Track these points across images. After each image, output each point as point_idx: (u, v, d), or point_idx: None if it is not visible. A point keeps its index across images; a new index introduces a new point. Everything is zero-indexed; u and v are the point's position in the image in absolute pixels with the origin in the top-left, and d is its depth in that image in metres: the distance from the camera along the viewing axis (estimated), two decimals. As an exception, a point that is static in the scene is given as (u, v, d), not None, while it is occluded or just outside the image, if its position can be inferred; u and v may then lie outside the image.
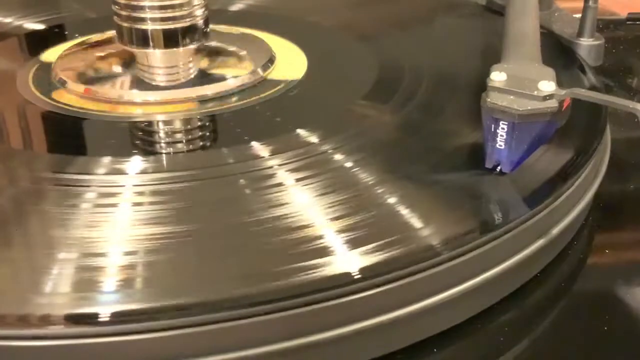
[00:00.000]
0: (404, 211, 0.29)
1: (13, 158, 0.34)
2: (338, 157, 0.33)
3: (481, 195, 0.30)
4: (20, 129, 0.37)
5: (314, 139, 0.34)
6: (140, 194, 0.30)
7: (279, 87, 0.40)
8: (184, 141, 0.36)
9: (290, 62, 0.43)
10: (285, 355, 0.25)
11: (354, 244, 0.27)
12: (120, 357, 0.24)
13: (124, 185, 0.31)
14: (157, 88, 0.40)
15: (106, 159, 0.32)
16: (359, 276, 0.25)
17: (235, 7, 0.52)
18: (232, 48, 0.44)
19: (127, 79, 0.41)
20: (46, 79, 0.41)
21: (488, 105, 0.30)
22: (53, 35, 0.48)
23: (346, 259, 0.26)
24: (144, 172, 0.32)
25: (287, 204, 0.29)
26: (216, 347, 0.25)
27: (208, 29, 0.41)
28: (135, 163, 0.32)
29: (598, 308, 0.30)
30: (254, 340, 0.25)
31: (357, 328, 0.26)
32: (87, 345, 0.24)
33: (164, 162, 0.33)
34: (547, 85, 0.30)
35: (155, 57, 0.40)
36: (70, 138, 0.36)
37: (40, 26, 0.49)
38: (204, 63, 0.42)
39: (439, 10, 0.52)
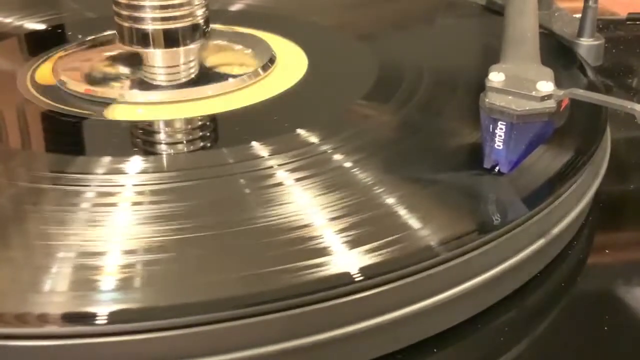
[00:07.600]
0: (404, 211, 0.29)
1: (13, 158, 0.34)
2: (338, 157, 0.33)
3: (481, 196, 0.30)
4: (20, 129, 0.37)
5: (314, 139, 0.34)
6: (140, 193, 0.30)
7: (279, 87, 0.40)
8: (184, 141, 0.36)
9: (290, 62, 0.43)
10: (284, 355, 0.25)
11: (353, 244, 0.27)
12: (119, 357, 0.24)
13: (123, 185, 0.31)
14: (157, 88, 0.40)
15: (106, 159, 0.32)
16: (359, 276, 0.25)
17: (235, 7, 0.52)
18: (232, 48, 0.44)
19: (127, 79, 0.41)
20: (46, 79, 0.41)
21: (486, 106, 0.30)
22: (53, 35, 0.48)
23: (346, 259, 0.26)
24: (143, 172, 0.32)
25: (287, 203, 0.29)
26: (216, 347, 0.24)
27: (208, 29, 0.41)
28: (135, 163, 0.32)
29: (598, 308, 0.30)
30: (254, 340, 0.25)
31: (357, 328, 0.26)
32: (85, 344, 0.24)
33: (164, 162, 0.33)
34: (546, 86, 0.30)
35: (156, 57, 0.40)
36: (70, 138, 0.36)
37: (40, 26, 0.49)
38: (204, 63, 0.42)
39: (439, 10, 0.52)
